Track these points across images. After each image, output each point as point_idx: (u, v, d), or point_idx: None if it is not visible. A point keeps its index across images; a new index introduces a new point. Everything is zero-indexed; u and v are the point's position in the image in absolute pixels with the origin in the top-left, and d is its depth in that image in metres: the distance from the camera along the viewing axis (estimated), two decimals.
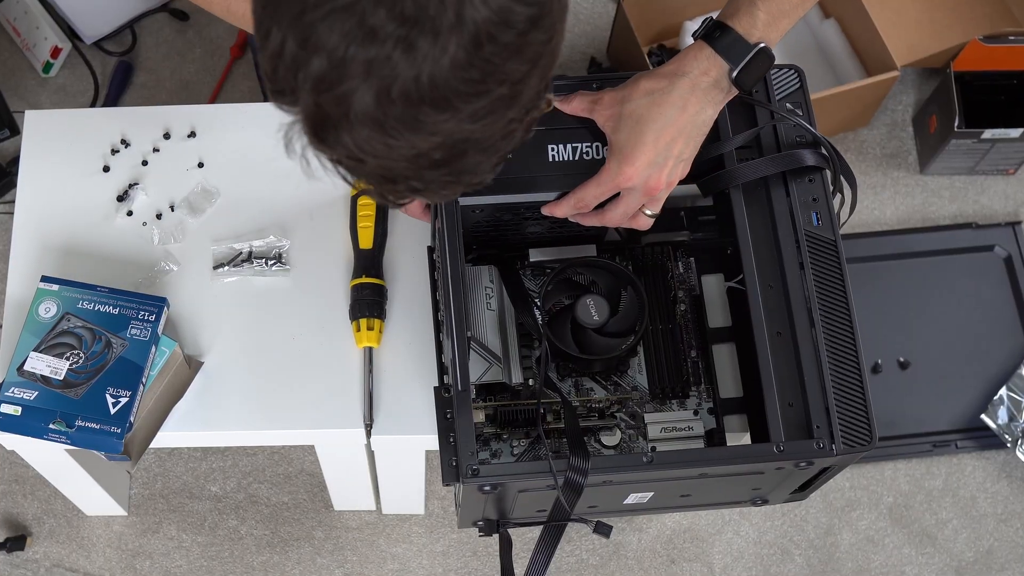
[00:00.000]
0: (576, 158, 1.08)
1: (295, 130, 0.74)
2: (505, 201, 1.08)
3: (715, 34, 0.98)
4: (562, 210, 1.07)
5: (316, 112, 0.71)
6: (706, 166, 1.12)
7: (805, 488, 1.13)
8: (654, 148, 0.99)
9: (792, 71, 1.13)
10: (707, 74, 0.98)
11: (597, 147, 1.08)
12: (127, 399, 1.11)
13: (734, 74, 0.98)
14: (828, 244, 1.07)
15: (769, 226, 1.08)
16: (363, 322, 1.19)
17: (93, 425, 1.11)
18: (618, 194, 1.04)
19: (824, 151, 1.09)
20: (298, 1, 0.67)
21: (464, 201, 1.06)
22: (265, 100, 1.62)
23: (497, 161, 0.78)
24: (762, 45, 0.98)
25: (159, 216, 1.26)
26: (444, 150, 0.73)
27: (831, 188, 1.10)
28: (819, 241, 1.07)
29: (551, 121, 1.06)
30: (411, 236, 1.24)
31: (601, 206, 1.06)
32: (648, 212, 1.05)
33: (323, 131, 0.72)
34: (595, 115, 1.04)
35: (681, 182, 1.22)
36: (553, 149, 1.08)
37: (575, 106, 1.06)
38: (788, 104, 1.11)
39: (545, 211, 1.08)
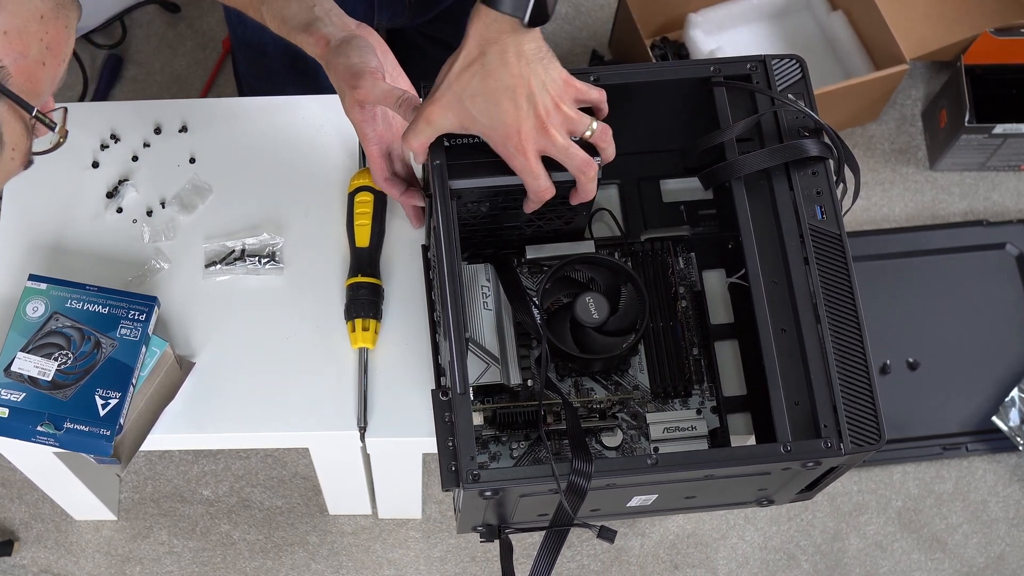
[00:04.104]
0: None
1: None
2: (487, 184, 1.06)
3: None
4: (530, 205, 1.07)
5: None
6: (707, 158, 1.11)
7: (812, 488, 1.12)
8: (522, 113, 1.00)
9: (793, 61, 1.12)
10: (502, 30, 0.99)
11: None
12: (117, 400, 1.10)
13: (525, 20, 0.98)
14: (833, 238, 1.06)
15: (772, 220, 1.08)
16: (358, 322, 1.18)
17: (82, 427, 1.10)
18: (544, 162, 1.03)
19: (827, 138, 1.09)
20: None
21: (452, 184, 1.05)
22: (242, 95, 1.61)
23: None
24: None
25: (150, 213, 1.25)
26: None
27: (834, 178, 1.09)
28: (823, 235, 1.07)
29: None
30: (409, 235, 1.23)
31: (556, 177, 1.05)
32: (585, 134, 1.04)
33: None
34: (441, 132, 1.03)
35: (681, 176, 1.20)
36: None
37: (420, 141, 1.04)
38: (790, 95, 1.11)
39: (529, 210, 1.07)
